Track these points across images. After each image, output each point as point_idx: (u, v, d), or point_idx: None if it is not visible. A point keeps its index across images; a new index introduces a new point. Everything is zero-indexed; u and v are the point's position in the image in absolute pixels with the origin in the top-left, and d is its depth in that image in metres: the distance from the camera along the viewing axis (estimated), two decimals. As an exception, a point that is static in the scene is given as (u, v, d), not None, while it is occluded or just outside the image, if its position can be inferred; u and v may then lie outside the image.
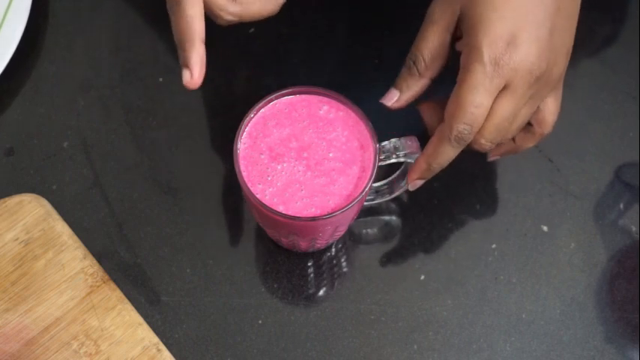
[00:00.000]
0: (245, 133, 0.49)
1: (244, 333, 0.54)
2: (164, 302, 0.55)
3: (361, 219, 0.58)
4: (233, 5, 0.48)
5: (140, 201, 0.58)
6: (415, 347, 0.54)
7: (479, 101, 0.45)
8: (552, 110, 0.50)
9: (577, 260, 0.57)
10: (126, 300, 0.54)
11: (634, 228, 0.58)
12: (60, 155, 0.60)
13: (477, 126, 0.46)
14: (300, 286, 0.56)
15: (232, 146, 0.48)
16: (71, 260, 0.54)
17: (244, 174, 0.48)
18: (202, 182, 0.59)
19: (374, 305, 0.55)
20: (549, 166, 0.60)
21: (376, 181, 0.53)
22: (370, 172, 0.48)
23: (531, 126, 0.51)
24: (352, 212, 0.49)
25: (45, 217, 0.55)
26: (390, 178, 0.53)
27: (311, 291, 0.56)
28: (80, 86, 0.62)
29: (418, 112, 0.51)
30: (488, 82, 0.45)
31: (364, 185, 0.48)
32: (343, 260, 0.57)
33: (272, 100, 0.50)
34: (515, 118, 0.47)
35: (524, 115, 0.48)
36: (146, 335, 0.52)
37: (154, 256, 0.56)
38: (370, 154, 0.49)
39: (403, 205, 0.59)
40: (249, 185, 0.47)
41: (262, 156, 0.49)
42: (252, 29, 0.64)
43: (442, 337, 0.55)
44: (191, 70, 0.46)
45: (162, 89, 0.62)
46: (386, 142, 0.49)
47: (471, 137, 0.47)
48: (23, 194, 0.56)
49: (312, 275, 0.57)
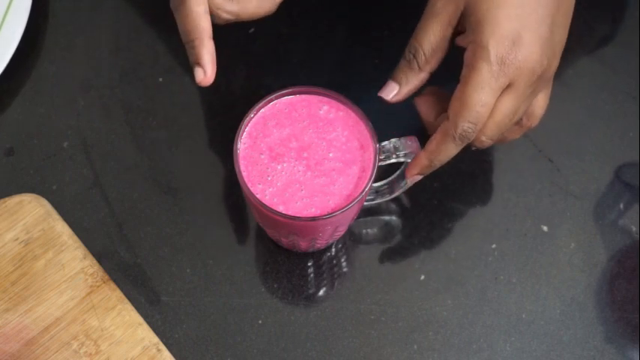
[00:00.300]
0: (245, 133, 0.49)
1: (244, 333, 0.54)
2: (164, 302, 0.55)
3: (361, 219, 0.58)
4: (230, 4, 0.47)
5: (140, 201, 0.58)
6: (415, 347, 0.54)
7: (485, 100, 0.45)
8: (542, 104, 0.51)
9: (577, 260, 0.57)
10: (126, 300, 0.54)
11: (634, 228, 0.58)
12: (60, 155, 0.60)
13: (481, 124, 0.46)
14: (300, 286, 0.56)
15: (232, 146, 0.48)
16: (71, 260, 0.54)
17: (244, 174, 0.48)
18: (202, 182, 0.59)
19: (374, 305, 0.55)
20: (549, 166, 0.60)
21: (376, 181, 0.53)
22: (370, 172, 0.48)
23: (520, 119, 0.51)
24: (352, 212, 0.49)
25: (45, 217, 0.55)
26: (390, 178, 0.53)
27: (311, 291, 0.56)
28: (80, 86, 0.62)
29: (414, 106, 0.51)
30: (494, 81, 0.45)
31: (364, 185, 0.48)
32: (343, 260, 0.57)
33: (272, 100, 0.50)
34: (514, 115, 0.48)
35: (522, 111, 0.48)
36: (146, 335, 0.52)
37: (154, 256, 0.56)
38: (370, 154, 0.49)
39: (403, 205, 0.59)
40: (249, 185, 0.47)
41: (262, 156, 0.49)
42: (252, 29, 0.64)
43: (442, 337, 0.55)
44: (204, 68, 0.46)
45: (162, 89, 0.62)
46: (386, 142, 0.49)
47: (475, 135, 0.47)
48: (23, 194, 0.56)
49: (312, 275, 0.57)
